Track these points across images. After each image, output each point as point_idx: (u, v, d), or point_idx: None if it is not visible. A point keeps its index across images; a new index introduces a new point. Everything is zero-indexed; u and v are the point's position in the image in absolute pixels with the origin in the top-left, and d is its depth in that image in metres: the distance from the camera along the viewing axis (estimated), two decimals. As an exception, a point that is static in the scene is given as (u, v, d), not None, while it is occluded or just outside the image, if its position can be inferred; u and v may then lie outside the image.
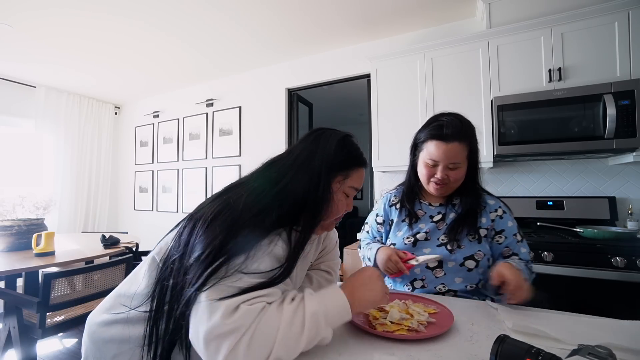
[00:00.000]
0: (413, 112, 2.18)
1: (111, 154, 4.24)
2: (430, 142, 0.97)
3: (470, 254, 0.97)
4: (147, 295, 0.61)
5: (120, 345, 0.62)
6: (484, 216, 1.01)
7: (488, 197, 1.06)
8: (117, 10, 2.20)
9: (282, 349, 0.51)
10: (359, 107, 4.53)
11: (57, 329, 1.55)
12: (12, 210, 2.07)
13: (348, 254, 2.46)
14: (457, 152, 0.94)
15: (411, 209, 1.09)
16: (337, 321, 0.59)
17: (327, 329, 0.57)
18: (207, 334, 0.50)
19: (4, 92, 3.33)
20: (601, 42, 1.70)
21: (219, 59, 3.04)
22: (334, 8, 2.21)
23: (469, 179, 1.01)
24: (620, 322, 0.71)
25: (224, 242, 0.56)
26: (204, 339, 0.50)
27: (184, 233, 0.62)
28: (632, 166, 1.86)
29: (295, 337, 0.53)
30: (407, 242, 1.05)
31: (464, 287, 0.96)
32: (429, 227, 1.04)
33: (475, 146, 0.98)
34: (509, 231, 1.01)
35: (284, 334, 0.52)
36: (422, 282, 1.01)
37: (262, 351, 0.50)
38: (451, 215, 1.04)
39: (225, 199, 0.64)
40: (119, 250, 2.06)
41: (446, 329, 0.66)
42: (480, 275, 0.97)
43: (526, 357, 0.47)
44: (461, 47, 2.04)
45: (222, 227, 0.58)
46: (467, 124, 0.97)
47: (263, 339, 0.51)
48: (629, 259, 1.41)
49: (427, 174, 1.00)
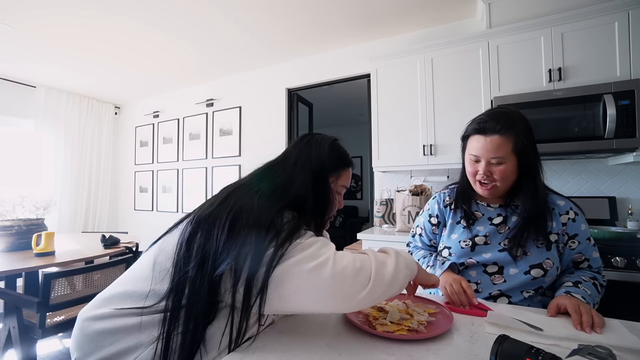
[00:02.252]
0: (413, 112, 2.18)
1: (111, 154, 4.24)
2: (472, 136, 0.92)
3: (538, 262, 0.88)
4: (159, 297, 0.60)
5: (115, 335, 0.61)
6: (553, 219, 0.91)
7: (557, 198, 0.95)
8: (117, 10, 2.20)
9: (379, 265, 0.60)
10: (359, 107, 4.54)
11: (57, 329, 1.54)
12: (12, 210, 2.07)
13: (348, 254, 2.46)
14: (498, 146, 0.86)
15: (467, 209, 1.00)
16: (410, 265, 0.67)
17: (406, 269, 0.64)
18: (304, 257, 0.56)
19: (4, 92, 3.33)
20: (601, 42, 1.70)
21: (219, 59, 3.04)
22: (335, 8, 2.21)
23: (524, 177, 0.91)
24: (620, 322, 0.71)
25: (276, 231, 0.60)
26: (304, 260, 0.56)
27: (197, 239, 0.61)
28: (632, 166, 1.86)
29: (383, 260, 0.62)
30: (464, 245, 0.96)
31: (521, 296, 0.89)
32: (489, 230, 0.95)
33: (525, 140, 0.87)
34: (583, 235, 0.91)
35: (374, 257, 0.62)
36: (477, 285, 0.94)
37: (364, 264, 0.59)
38: (514, 218, 0.94)
39: (234, 203, 0.64)
40: (119, 250, 2.06)
41: (446, 329, 0.66)
42: (545, 285, 0.89)
43: (526, 357, 0.47)
44: (461, 47, 2.04)
45: (249, 229, 0.60)
46: (512, 116, 0.89)
47: (360, 258, 0.59)
48: (629, 259, 1.41)
49: (471, 171, 0.94)
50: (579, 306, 0.72)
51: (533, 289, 0.89)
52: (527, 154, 0.88)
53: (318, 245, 0.59)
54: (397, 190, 2.26)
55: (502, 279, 0.91)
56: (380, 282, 0.58)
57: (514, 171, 0.89)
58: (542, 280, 0.88)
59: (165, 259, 0.63)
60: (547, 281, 0.89)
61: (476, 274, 0.94)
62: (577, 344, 0.54)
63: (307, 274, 0.55)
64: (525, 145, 0.87)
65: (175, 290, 0.59)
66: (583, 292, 0.80)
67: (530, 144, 0.89)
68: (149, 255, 0.67)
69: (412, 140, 2.16)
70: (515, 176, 0.90)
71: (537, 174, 0.91)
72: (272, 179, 0.72)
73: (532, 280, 0.88)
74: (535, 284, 0.89)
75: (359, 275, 0.57)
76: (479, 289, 0.93)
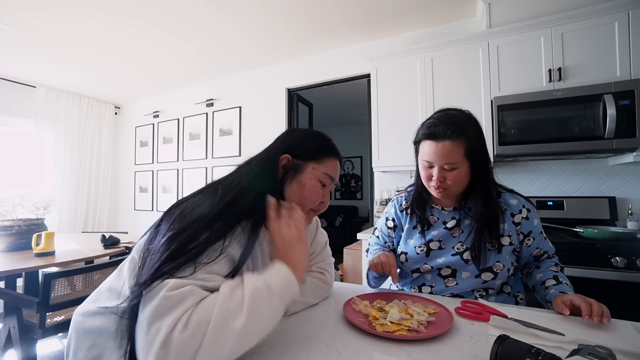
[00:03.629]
0: (413, 112, 2.18)
1: (111, 154, 4.24)
2: (424, 142, 0.92)
3: (487, 266, 0.89)
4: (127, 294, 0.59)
5: (97, 337, 0.61)
6: (505, 221, 0.92)
7: (509, 196, 0.96)
8: (117, 10, 2.20)
9: (218, 326, 0.46)
10: (359, 107, 4.54)
11: (57, 329, 1.54)
12: (12, 210, 2.07)
13: (348, 254, 2.46)
14: (450, 152, 0.85)
15: (422, 215, 1.01)
16: (282, 289, 0.55)
17: (272, 299, 0.52)
18: (148, 317, 0.46)
19: (4, 92, 3.33)
20: (601, 42, 1.70)
21: (219, 59, 3.04)
22: (335, 8, 2.21)
23: (477, 180, 0.91)
24: (620, 322, 0.71)
25: (188, 236, 0.54)
26: (143, 326, 0.46)
27: (161, 225, 0.60)
28: (632, 166, 1.86)
29: (235, 310, 0.48)
30: (419, 251, 0.98)
31: (473, 295, 0.93)
32: (442, 234, 0.97)
33: (476, 144, 0.87)
34: (536, 230, 0.94)
35: (220, 308, 0.47)
36: (431, 288, 0.97)
37: (197, 329, 0.45)
38: (466, 221, 0.96)
39: (202, 196, 0.64)
40: (119, 250, 2.06)
41: (446, 329, 0.66)
42: (495, 287, 0.92)
43: (526, 357, 0.47)
44: (461, 47, 2.04)
45: (188, 222, 0.56)
46: (462, 120, 0.88)
47: (202, 313, 0.46)
48: (629, 259, 1.41)
49: (425, 176, 0.94)
50: (586, 298, 0.74)
51: (483, 289, 0.93)
52: (479, 157, 0.89)
53: (168, 304, 0.47)
54: (397, 190, 2.26)
55: (454, 282, 0.94)
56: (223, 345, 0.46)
57: (467, 175, 0.90)
58: (493, 282, 0.91)
59: (139, 252, 0.62)
60: (497, 283, 0.92)
61: (431, 277, 0.98)
62: (577, 344, 0.54)
63: (137, 338, 0.47)
64: (476, 148, 0.87)
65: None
66: (567, 287, 0.85)
67: (481, 147, 0.89)
68: (132, 251, 0.67)
69: (412, 140, 2.15)
70: (469, 179, 0.91)
71: (488, 177, 0.92)
72: (242, 170, 0.71)
73: (482, 283, 0.91)
74: (486, 285, 0.92)
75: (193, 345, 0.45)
76: (432, 292, 0.97)
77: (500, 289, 0.95)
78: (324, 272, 0.88)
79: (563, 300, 0.77)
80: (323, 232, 0.94)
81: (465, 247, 0.93)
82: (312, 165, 0.73)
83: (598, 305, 0.71)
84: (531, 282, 0.95)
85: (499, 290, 0.94)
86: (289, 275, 0.57)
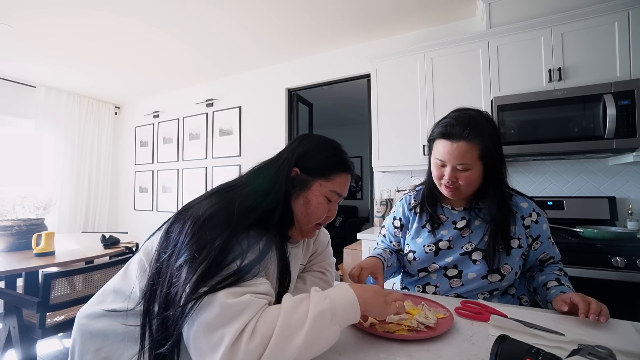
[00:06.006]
0: (413, 112, 2.18)
1: (111, 154, 4.24)
2: (438, 140, 0.90)
3: (496, 267, 0.89)
4: (140, 297, 0.59)
5: (104, 340, 0.61)
6: (516, 224, 0.92)
7: (520, 199, 0.96)
8: (117, 10, 2.20)
9: (280, 341, 0.48)
10: (359, 107, 4.54)
11: (57, 329, 1.54)
12: (12, 210, 2.06)
13: (348, 254, 2.46)
14: (464, 153, 0.85)
15: (433, 212, 1.00)
16: (344, 318, 0.56)
17: (332, 326, 0.53)
18: (210, 323, 0.48)
19: (4, 92, 3.33)
20: (601, 42, 1.70)
21: (219, 59, 3.04)
22: (335, 8, 2.21)
23: (490, 182, 0.91)
24: (620, 322, 0.71)
25: (220, 248, 0.54)
26: (205, 331, 0.48)
27: (173, 231, 0.60)
28: (632, 166, 1.86)
29: (296, 327, 0.50)
30: (428, 250, 0.97)
31: (477, 298, 0.92)
32: (453, 234, 0.96)
33: (491, 146, 0.85)
34: (544, 235, 0.94)
35: (283, 322, 0.50)
36: (435, 288, 0.96)
37: (262, 341, 0.48)
38: (477, 221, 0.95)
39: (218, 201, 0.63)
40: (119, 250, 2.06)
41: (446, 329, 0.66)
42: (501, 288, 0.92)
43: (526, 357, 0.47)
44: (461, 47, 2.04)
45: (215, 233, 0.56)
46: (479, 121, 0.87)
47: (266, 325, 0.49)
48: (629, 259, 1.41)
49: (437, 175, 0.93)
50: (586, 297, 0.74)
51: (488, 291, 0.92)
52: (494, 159, 0.87)
53: (229, 313, 0.49)
54: (397, 190, 2.26)
55: (460, 282, 0.93)
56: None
57: (480, 176, 0.89)
58: (499, 284, 0.90)
59: (149, 255, 0.62)
60: (504, 285, 0.91)
61: (436, 277, 0.97)
62: (577, 344, 0.54)
63: (193, 339, 0.50)
64: (491, 151, 0.86)
65: (151, 286, 0.57)
66: (569, 289, 0.84)
67: (497, 150, 0.88)
68: (139, 252, 0.67)
69: (412, 140, 2.16)
70: (481, 181, 0.91)
71: (502, 179, 0.92)
72: (259, 180, 0.69)
73: (488, 284, 0.90)
74: (491, 287, 0.91)
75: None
76: (437, 292, 0.96)
77: (505, 290, 0.94)
78: (325, 271, 0.88)
79: (562, 298, 0.77)
80: (326, 231, 0.93)
81: (474, 247, 0.93)
82: (320, 182, 0.71)
83: (597, 304, 0.71)
84: (533, 285, 0.95)
85: (503, 292, 0.94)
86: (355, 303, 0.58)
